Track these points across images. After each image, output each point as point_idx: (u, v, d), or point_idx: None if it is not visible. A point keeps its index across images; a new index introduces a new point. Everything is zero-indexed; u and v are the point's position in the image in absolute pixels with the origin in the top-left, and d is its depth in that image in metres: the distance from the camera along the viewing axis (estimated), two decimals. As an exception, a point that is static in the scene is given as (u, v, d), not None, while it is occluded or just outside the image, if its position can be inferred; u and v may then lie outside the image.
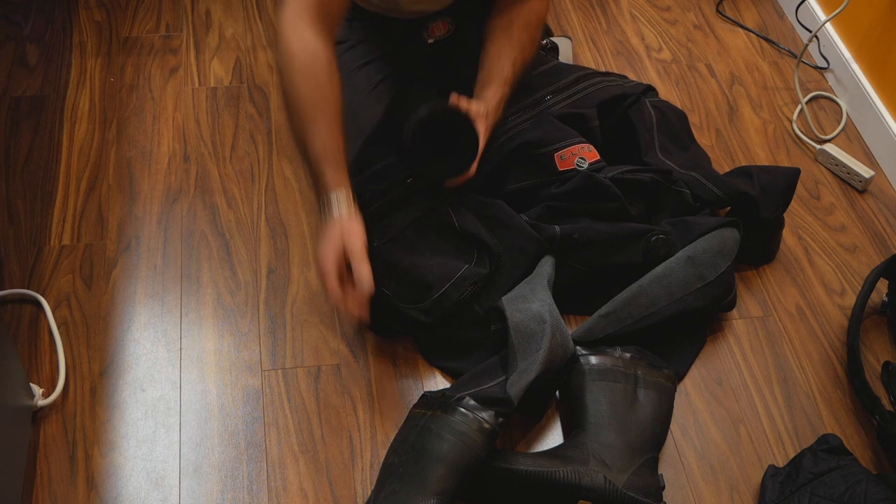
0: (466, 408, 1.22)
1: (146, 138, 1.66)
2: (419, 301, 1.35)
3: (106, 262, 1.48)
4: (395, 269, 1.35)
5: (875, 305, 1.54)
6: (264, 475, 1.28)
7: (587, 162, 1.47)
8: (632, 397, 1.31)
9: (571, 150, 1.47)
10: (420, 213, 1.40)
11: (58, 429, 1.29)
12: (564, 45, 1.77)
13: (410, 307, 1.35)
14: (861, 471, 1.26)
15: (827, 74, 1.95)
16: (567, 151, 1.47)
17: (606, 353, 1.35)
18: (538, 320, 1.31)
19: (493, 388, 1.26)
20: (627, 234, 1.43)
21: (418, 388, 1.38)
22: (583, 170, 1.46)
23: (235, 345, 1.41)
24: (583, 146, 1.49)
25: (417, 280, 1.34)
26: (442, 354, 1.39)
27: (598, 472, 1.21)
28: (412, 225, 1.39)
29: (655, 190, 1.49)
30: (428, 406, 1.26)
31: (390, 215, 1.38)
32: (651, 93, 1.62)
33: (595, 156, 1.48)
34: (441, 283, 1.34)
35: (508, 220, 1.43)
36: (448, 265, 1.36)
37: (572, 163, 1.47)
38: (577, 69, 1.59)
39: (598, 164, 1.48)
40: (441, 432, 1.20)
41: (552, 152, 1.47)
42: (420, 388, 1.38)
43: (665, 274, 1.40)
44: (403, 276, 1.35)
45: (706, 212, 1.52)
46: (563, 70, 1.58)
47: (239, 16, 1.92)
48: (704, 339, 1.47)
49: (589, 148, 1.49)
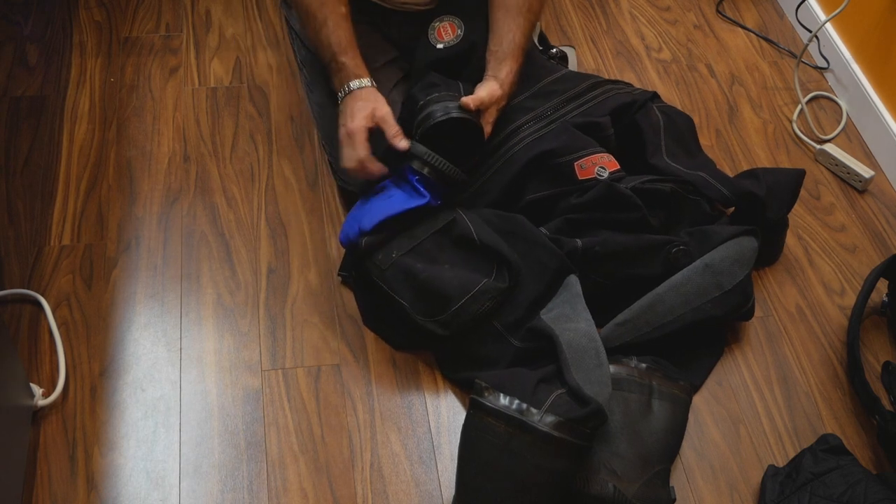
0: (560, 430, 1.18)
1: (146, 138, 1.66)
2: (437, 314, 1.34)
3: (106, 262, 1.48)
4: (413, 282, 1.34)
5: (875, 305, 1.54)
6: (264, 475, 1.28)
7: (607, 171, 1.46)
8: (646, 408, 1.31)
9: (591, 160, 1.47)
10: (439, 225, 1.39)
11: (58, 429, 1.29)
12: (571, 55, 1.78)
13: (428, 320, 1.35)
14: (861, 471, 1.26)
15: (827, 74, 1.95)
16: (587, 161, 1.46)
17: (622, 362, 1.34)
18: (590, 338, 1.30)
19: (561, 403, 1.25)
20: (649, 246, 1.42)
21: (418, 388, 1.38)
22: (603, 179, 1.45)
23: (235, 345, 1.41)
24: (602, 155, 1.48)
25: (436, 293, 1.33)
26: (460, 368, 1.38)
27: (607, 482, 1.21)
28: (431, 237, 1.38)
29: (675, 200, 1.49)
30: (505, 420, 1.19)
31: (409, 228, 1.38)
32: (657, 99, 1.62)
33: (615, 165, 1.48)
34: (460, 296, 1.33)
35: (528, 235, 1.42)
36: (467, 278, 1.35)
37: (592, 172, 1.46)
38: (588, 77, 1.59)
39: (618, 173, 1.47)
40: (540, 462, 1.18)
41: (572, 161, 1.46)
42: (420, 388, 1.38)
43: (682, 282, 1.39)
44: (421, 289, 1.34)
45: (724, 221, 1.52)
46: (575, 78, 1.58)
47: (239, 16, 1.92)
48: (722, 350, 1.47)
49: (609, 157, 1.48)
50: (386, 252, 1.35)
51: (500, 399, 1.20)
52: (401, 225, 1.40)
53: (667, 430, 1.31)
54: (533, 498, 1.19)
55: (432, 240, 1.38)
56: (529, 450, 1.17)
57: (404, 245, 1.37)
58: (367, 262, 1.36)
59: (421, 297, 1.34)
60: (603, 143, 1.50)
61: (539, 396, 1.21)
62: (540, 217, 1.47)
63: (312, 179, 1.62)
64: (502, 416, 1.18)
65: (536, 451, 1.17)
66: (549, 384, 1.25)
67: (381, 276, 1.35)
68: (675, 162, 1.53)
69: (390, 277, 1.35)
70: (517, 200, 1.49)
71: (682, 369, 1.40)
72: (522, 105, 1.52)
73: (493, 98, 1.44)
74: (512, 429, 1.18)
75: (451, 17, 1.57)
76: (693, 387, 1.40)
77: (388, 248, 1.35)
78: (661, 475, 1.27)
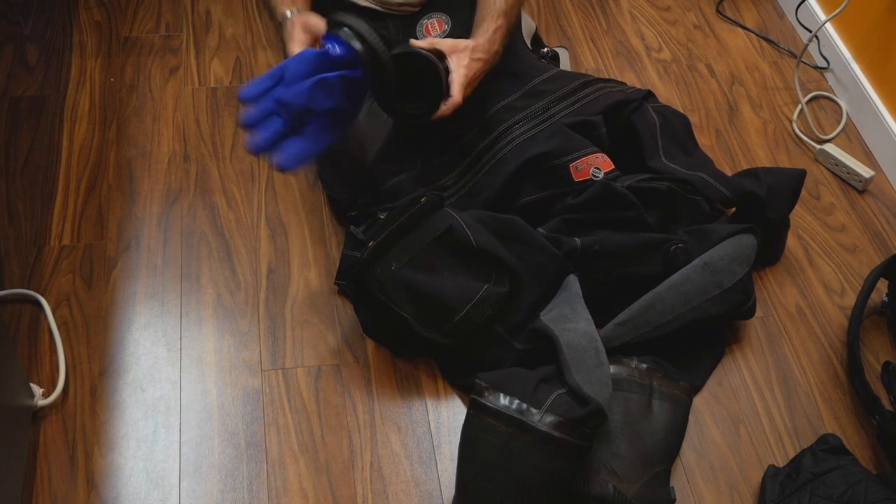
0: (560, 430, 1.18)
1: (146, 138, 1.66)
2: (440, 325, 1.34)
3: (106, 262, 1.48)
4: (414, 293, 1.33)
5: (875, 305, 1.54)
6: (264, 475, 1.28)
7: (602, 172, 1.45)
8: (646, 408, 1.31)
9: (587, 161, 1.46)
10: (436, 233, 1.38)
11: (58, 429, 1.29)
12: (563, 56, 1.77)
13: (431, 331, 1.34)
14: (861, 471, 1.26)
15: (827, 74, 1.95)
16: (582, 162, 1.46)
17: (622, 362, 1.34)
18: (589, 338, 1.30)
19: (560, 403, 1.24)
20: (647, 244, 1.42)
21: (418, 388, 1.38)
22: (598, 180, 1.45)
23: (235, 345, 1.41)
24: (597, 156, 1.47)
25: (437, 303, 1.33)
26: (463, 374, 1.38)
27: (607, 482, 1.21)
28: (429, 246, 1.37)
29: (672, 199, 1.48)
30: (505, 420, 1.20)
31: (406, 236, 1.37)
32: (652, 98, 1.62)
33: (609, 165, 1.47)
34: (462, 305, 1.33)
35: (526, 237, 1.41)
36: (468, 286, 1.35)
37: (588, 173, 1.45)
38: (579, 76, 1.58)
39: (613, 173, 1.47)
40: (540, 463, 1.18)
41: (567, 163, 1.46)
42: (420, 388, 1.38)
43: (682, 281, 1.39)
44: (423, 300, 1.33)
45: (723, 219, 1.52)
46: (566, 77, 1.57)
47: (239, 16, 1.92)
48: (723, 351, 1.47)
49: (603, 157, 1.48)
50: (384, 265, 1.34)
51: (501, 399, 1.20)
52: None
53: (667, 430, 1.31)
54: (533, 498, 1.19)
55: (430, 249, 1.37)
56: (529, 450, 1.17)
57: (403, 256, 1.35)
58: (367, 277, 1.35)
59: (423, 308, 1.34)
60: (595, 141, 1.50)
61: (539, 396, 1.21)
62: (535, 218, 1.47)
63: (312, 179, 1.62)
64: (502, 417, 1.18)
65: (536, 451, 1.17)
66: (550, 384, 1.25)
67: (382, 289, 1.34)
68: (673, 163, 1.53)
69: (391, 290, 1.34)
70: (511, 202, 1.48)
71: (683, 370, 1.40)
72: (513, 105, 1.51)
73: (460, 45, 1.39)
74: (512, 429, 1.18)
75: (440, 13, 1.57)
76: (694, 387, 1.40)
77: (386, 261, 1.34)
78: (662, 475, 1.27)
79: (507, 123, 1.50)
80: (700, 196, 1.50)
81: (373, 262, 1.34)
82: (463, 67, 1.39)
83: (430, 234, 1.37)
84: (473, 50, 1.40)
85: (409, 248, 1.36)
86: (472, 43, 1.41)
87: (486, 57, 1.43)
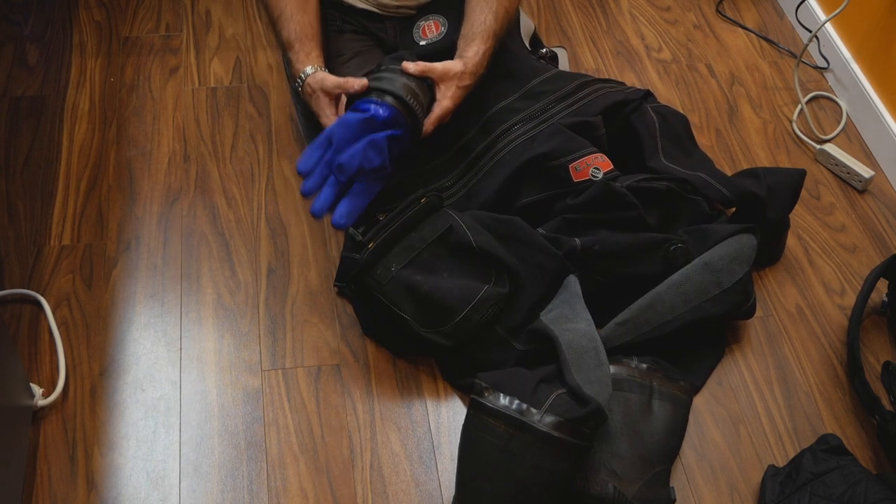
0: (560, 430, 1.18)
1: (146, 138, 1.66)
2: (440, 325, 1.34)
3: (106, 262, 1.48)
4: (414, 294, 1.33)
5: (875, 305, 1.54)
6: (264, 475, 1.28)
7: (602, 172, 1.45)
8: (646, 408, 1.31)
9: (586, 161, 1.46)
10: (436, 234, 1.38)
11: (58, 429, 1.29)
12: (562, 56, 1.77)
13: (431, 332, 1.34)
14: (861, 471, 1.26)
15: (827, 74, 1.95)
16: (581, 162, 1.46)
17: (622, 362, 1.34)
18: (589, 338, 1.30)
19: (560, 403, 1.24)
20: (647, 244, 1.42)
21: (418, 388, 1.38)
22: (598, 180, 1.45)
23: (235, 345, 1.41)
24: (596, 156, 1.47)
25: (438, 304, 1.33)
26: (464, 374, 1.38)
27: (607, 482, 1.21)
28: (429, 247, 1.37)
29: (672, 199, 1.48)
30: (505, 420, 1.20)
31: (406, 237, 1.37)
32: (650, 98, 1.62)
33: (609, 165, 1.47)
34: (462, 306, 1.33)
35: (526, 237, 1.42)
36: (468, 287, 1.35)
37: (587, 173, 1.45)
38: (578, 77, 1.58)
39: (612, 173, 1.47)
40: (540, 463, 1.18)
41: (567, 164, 1.46)
42: (420, 388, 1.38)
43: (682, 281, 1.39)
44: (423, 301, 1.33)
45: (723, 219, 1.51)
46: (565, 78, 1.57)
47: (239, 16, 1.92)
48: (723, 351, 1.46)
49: (602, 158, 1.48)
50: (384, 266, 1.34)
51: (500, 399, 1.20)
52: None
53: (667, 430, 1.31)
54: (533, 498, 1.19)
55: (430, 250, 1.37)
56: (529, 450, 1.17)
57: (403, 258, 1.35)
58: (367, 278, 1.35)
59: (423, 309, 1.34)
60: (594, 142, 1.50)
61: (539, 396, 1.21)
62: (535, 219, 1.47)
63: (312, 179, 1.62)
64: (502, 417, 1.18)
65: (536, 451, 1.17)
66: (550, 384, 1.25)
67: (382, 290, 1.34)
68: (673, 163, 1.53)
69: (391, 292, 1.34)
70: (511, 203, 1.48)
71: (683, 370, 1.40)
72: (512, 106, 1.52)
73: (450, 72, 1.41)
74: (512, 429, 1.18)
75: (437, 15, 1.57)
76: (694, 387, 1.40)
77: (386, 262, 1.34)
78: (662, 476, 1.27)
79: (506, 124, 1.50)
80: (700, 196, 1.50)
81: (373, 264, 1.34)
82: (447, 99, 1.42)
83: (429, 234, 1.38)
84: (461, 77, 1.42)
85: (408, 249, 1.36)
86: (461, 68, 1.42)
87: (471, 82, 1.44)
